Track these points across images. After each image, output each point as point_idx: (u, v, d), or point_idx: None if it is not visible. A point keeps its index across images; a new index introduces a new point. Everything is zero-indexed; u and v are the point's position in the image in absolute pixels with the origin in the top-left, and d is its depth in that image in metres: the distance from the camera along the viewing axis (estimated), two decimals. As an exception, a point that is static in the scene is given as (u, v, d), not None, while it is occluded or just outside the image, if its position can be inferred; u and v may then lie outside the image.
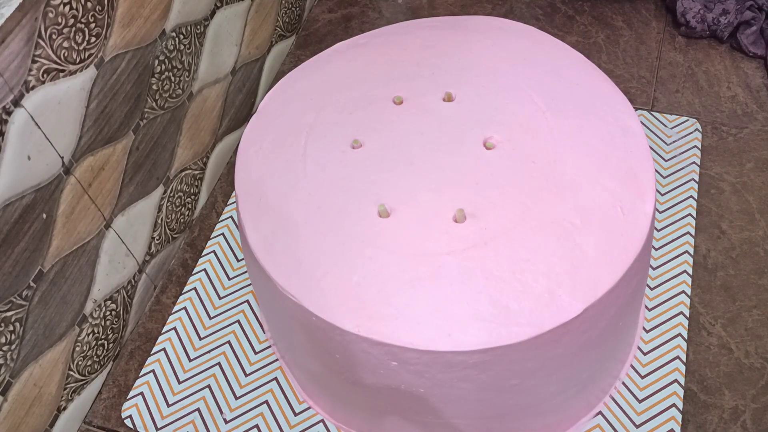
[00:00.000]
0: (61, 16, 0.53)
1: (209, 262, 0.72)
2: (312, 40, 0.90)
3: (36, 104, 0.52)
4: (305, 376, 0.60)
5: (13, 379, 0.55)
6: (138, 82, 0.63)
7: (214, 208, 0.77)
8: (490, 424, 0.54)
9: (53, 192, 0.56)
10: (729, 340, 0.62)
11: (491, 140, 0.54)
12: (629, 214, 0.50)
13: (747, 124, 0.75)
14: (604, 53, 0.83)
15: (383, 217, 0.51)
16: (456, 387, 0.49)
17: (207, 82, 0.74)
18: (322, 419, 0.61)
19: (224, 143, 0.80)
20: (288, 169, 0.55)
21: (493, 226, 0.50)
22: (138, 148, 0.65)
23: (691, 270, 0.66)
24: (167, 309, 0.70)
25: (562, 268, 0.48)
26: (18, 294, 0.54)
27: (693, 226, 0.68)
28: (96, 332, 0.64)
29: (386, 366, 0.48)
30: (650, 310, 0.64)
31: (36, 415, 0.58)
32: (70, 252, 0.59)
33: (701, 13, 0.79)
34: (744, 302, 0.64)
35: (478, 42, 0.61)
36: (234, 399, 0.63)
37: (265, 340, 0.66)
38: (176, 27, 0.67)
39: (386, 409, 0.54)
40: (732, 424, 0.58)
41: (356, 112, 0.58)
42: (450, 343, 0.46)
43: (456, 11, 0.90)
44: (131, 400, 0.64)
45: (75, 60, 0.55)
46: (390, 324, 0.47)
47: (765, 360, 0.61)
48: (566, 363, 0.50)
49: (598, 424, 0.59)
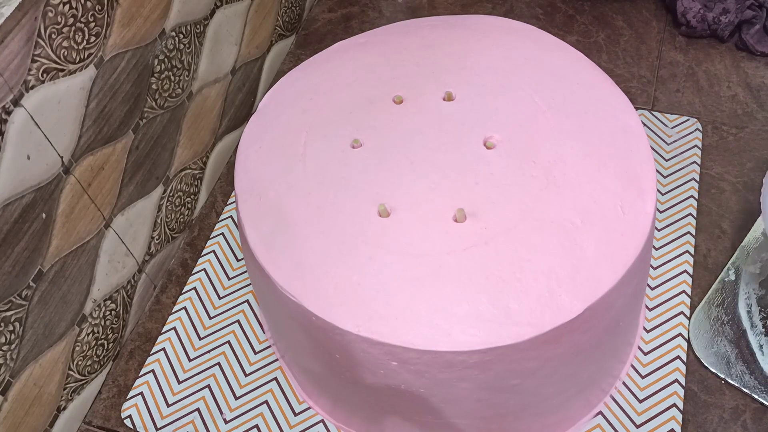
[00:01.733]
0: (61, 16, 0.53)
1: (209, 262, 0.71)
2: (312, 40, 0.90)
3: (36, 104, 0.52)
4: (305, 376, 0.60)
5: (13, 378, 0.55)
6: (138, 81, 0.63)
7: (213, 207, 0.77)
8: (490, 424, 0.54)
9: (53, 192, 0.56)
10: (729, 339, 0.62)
11: (491, 140, 0.54)
12: (630, 213, 0.50)
13: (747, 124, 0.75)
14: (605, 53, 0.83)
15: (383, 216, 0.51)
16: (456, 387, 0.49)
17: (207, 81, 0.74)
18: (322, 419, 0.61)
19: (224, 143, 0.80)
20: (288, 169, 0.55)
21: (493, 225, 0.50)
22: (138, 148, 0.65)
23: (692, 270, 0.66)
24: (167, 309, 0.70)
25: (563, 267, 0.48)
26: (18, 294, 0.54)
27: (693, 226, 0.68)
28: (96, 332, 0.64)
29: (386, 366, 0.48)
30: (650, 310, 0.64)
31: (36, 414, 0.58)
32: (69, 252, 0.59)
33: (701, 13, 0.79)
34: (744, 302, 0.64)
35: (478, 41, 0.61)
36: (234, 399, 0.63)
37: (264, 340, 0.66)
38: (176, 26, 0.67)
39: (386, 409, 0.54)
40: (732, 423, 0.58)
41: (356, 111, 0.58)
42: (450, 343, 0.46)
43: (456, 10, 0.90)
44: (131, 400, 0.64)
45: (75, 59, 0.55)
46: (390, 324, 0.47)
47: (765, 360, 0.61)
48: (566, 363, 0.50)
49: (599, 424, 0.59)
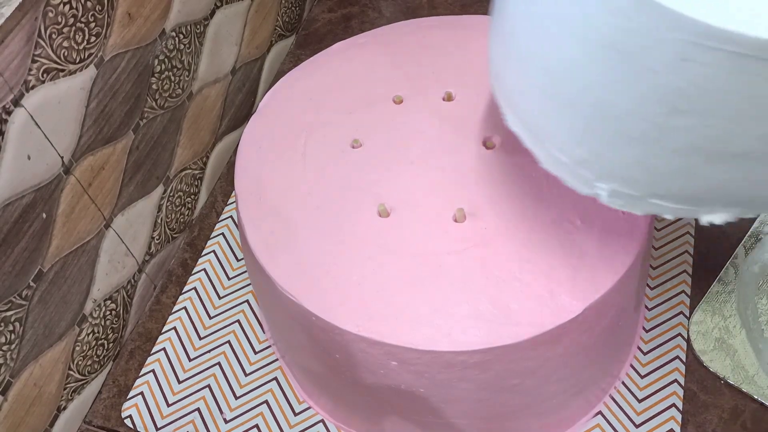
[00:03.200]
0: (61, 16, 0.53)
1: (209, 262, 0.71)
2: (312, 40, 0.90)
3: (36, 104, 0.52)
4: (305, 376, 0.60)
5: (13, 378, 0.55)
6: (138, 81, 0.63)
7: (213, 207, 0.77)
8: (490, 424, 0.54)
9: (53, 192, 0.56)
10: (729, 339, 0.62)
11: (491, 140, 0.54)
12: (629, 213, 0.50)
13: (747, 124, 0.75)
14: (605, 53, 0.83)
15: (383, 216, 0.51)
16: (456, 387, 0.49)
17: (207, 81, 0.74)
18: (322, 419, 0.61)
19: (224, 143, 0.80)
20: (288, 169, 0.55)
21: (493, 225, 0.50)
22: (138, 148, 0.65)
23: (691, 270, 0.66)
24: (167, 309, 0.70)
25: (562, 267, 0.48)
26: (18, 294, 0.54)
27: (693, 226, 0.68)
28: (96, 332, 0.64)
29: (386, 366, 0.48)
30: (650, 310, 0.64)
31: (36, 414, 0.58)
32: (69, 252, 0.59)
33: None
34: (744, 302, 0.64)
35: (478, 41, 0.61)
36: (234, 399, 0.63)
37: (264, 340, 0.66)
38: (176, 26, 0.67)
39: (386, 409, 0.54)
40: (732, 423, 0.58)
41: (356, 111, 0.58)
42: (450, 343, 0.46)
43: (456, 11, 0.90)
44: (131, 400, 0.64)
45: (75, 59, 0.55)
46: (390, 324, 0.47)
47: (765, 360, 0.61)
48: (566, 363, 0.50)
49: (598, 423, 0.59)
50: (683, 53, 0.31)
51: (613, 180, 0.39)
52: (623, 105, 0.34)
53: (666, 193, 0.39)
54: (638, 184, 0.39)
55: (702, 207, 0.39)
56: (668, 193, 0.39)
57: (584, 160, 0.39)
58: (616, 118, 0.35)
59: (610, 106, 0.35)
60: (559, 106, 0.36)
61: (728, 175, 0.36)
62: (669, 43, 0.31)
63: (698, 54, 0.30)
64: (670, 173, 0.37)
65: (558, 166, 0.40)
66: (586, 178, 0.40)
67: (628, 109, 0.34)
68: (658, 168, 0.37)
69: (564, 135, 0.38)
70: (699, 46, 0.30)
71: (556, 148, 0.39)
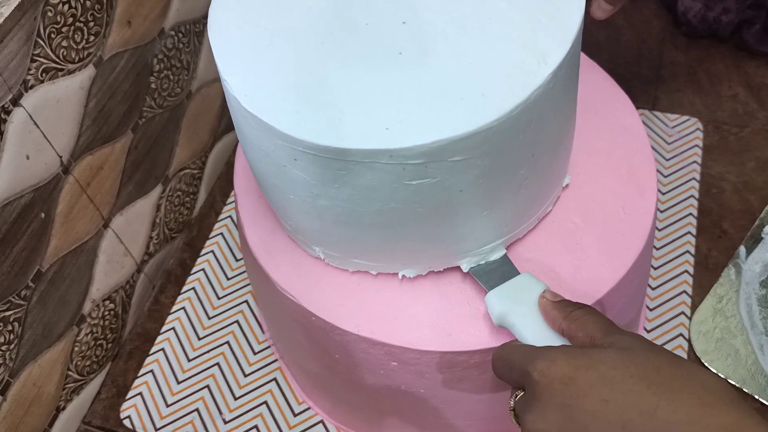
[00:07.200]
0: (60, 15, 0.53)
1: (208, 262, 0.71)
2: (312, 39, 0.90)
3: (35, 103, 0.52)
4: (305, 377, 0.60)
5: (12, 378, 0.55)
6: (137, 80, 0.63)
7: (212, 207, 0.76)
8: (490, 425, 0.53)
9: (52, 191, 0.56)
10: (730, 340, 0.62)
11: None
12: (630, 213, 0.50)
13: (748, 123, 0.75)
14: (606, 52, 0.83)
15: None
16: (456, 387, 0.49)
17: (206, 80, 0.74)
18: (322, 420, 0.61)
19: (223, 142, 0.79)
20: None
21: (494, 225, 0.50)
22: (137, 148, 0.65)
23: (693, 270, 0.66)
24: (166, 309, 0.69)
25: (563, 267, 0.48)
26: (16, 293, 0.54)
27: (694, 226, 0.68)
28: (95, 332, 0.64)
29: (386, 366, 0.48)
30: (651, 310, 0.64)
31: (35, 414, 0.58)
32: (68, 252, 0.59)
33: (702, 12, 0.79)
34: (745, 302, 0.64)
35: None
36: (233, 399, 0.63)
37: (264, 341, 0.66)
38: (175, 25, 0.67)
39: (386, 410, 0.54)
40: (733, 424, 0.58)
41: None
42: (450, 343, 0.46)
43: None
44: (130, 401, 0.64)
45: (74, 59, 0.55)
46: (390, 324, 0.47)
47: (766, 360, 0.61)
48: (567, 363, 0.50)
49: (599, 424, 0.58)
50: (293, 154, 0.40)
51: (320, 245, 0.48)
52: (288, 189, 0.43)
53: (358, 254, 0.46)
54: (336, 248, 0.47)
55: (390, 264, 0.47)
56: (360, 254, 0.46)
57: (296, 229, 0.48)
58: (290, 200, 0.44)
59: (283, 191, 0.44)
60: (271, 193, 0.47)
61: (382, 241, 0.44)
62: (283, 148, 0.40)
63: (299, 155, 0.39)
64: (345, 240, 0.45)
65: (293, 234, 0.50)
66: (306, 242, 0.49)
67: (292, 192, 0.43)
68: (336, 236, 0.45)
69: (282, 211, 0.48)
70: (297, 151, 0.39)
71: (286, 221, 0.49)
